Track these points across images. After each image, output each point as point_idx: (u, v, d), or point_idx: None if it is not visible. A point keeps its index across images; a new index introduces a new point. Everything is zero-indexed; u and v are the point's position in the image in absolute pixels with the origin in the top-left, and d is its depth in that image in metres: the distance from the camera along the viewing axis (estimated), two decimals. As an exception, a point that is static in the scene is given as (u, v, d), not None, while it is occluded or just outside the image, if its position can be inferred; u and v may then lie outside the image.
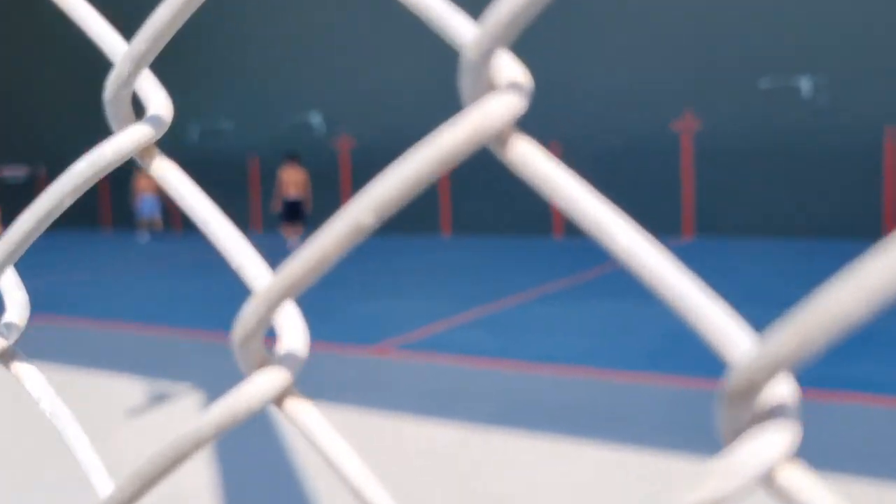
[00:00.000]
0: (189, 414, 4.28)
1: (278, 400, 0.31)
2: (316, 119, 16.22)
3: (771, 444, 0.23)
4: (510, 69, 0.30)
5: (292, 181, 12.72)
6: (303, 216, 12.93)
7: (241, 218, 17.40)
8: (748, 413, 0.24)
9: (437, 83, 14.94)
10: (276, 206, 13.07)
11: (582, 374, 4.89)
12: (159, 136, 0.36)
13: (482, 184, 14.71)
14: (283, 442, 3.77)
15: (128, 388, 4.82)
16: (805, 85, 11.98)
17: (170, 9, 0.35)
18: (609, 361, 5.17)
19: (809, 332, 0.23)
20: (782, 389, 0.24)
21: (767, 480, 0.24)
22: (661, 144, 13.24)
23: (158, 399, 4.56)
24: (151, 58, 0.37)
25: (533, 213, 14.35)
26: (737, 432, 0.24)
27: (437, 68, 14.78)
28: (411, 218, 15.30)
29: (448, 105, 12.98)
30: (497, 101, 0.29)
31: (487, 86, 0.30)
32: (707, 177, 12.96)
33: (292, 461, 3.51)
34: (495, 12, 0.29)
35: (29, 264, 11.81)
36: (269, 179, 16.47)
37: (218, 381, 4.91)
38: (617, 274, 9.28)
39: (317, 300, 7.83)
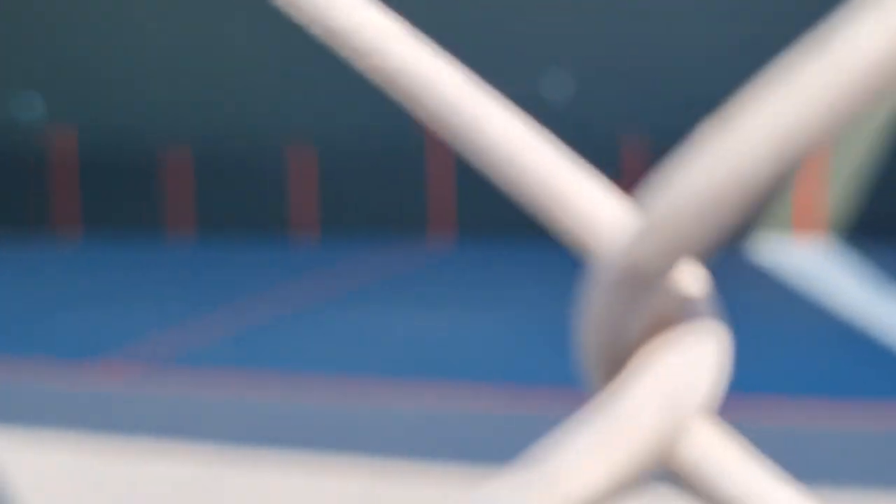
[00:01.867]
0: None
1: None
2: (31, 105, 14.59)
3: (679, 382, 0.12)
4: None
5: None
6: None
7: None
8: (631, 330, 0.13)
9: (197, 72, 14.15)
10: None
11: (334, 386, 4.80)
12: None
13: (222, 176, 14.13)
14: None
15: None
16: (546, 84, 12.85)
17: None
18: (361, 370, 5.12)
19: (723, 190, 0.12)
20: (687, 282, 0.13)
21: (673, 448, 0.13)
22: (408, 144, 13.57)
23: None
24: None
25: (272, 211, 14.04)
26: (613, 370, 0.12)
27: (195, 49, 14.00)
28: (128, 213, 14.28)
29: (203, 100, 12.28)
30: None
31: None
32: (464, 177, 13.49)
33: None
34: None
35: None
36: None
37: None
38: (379, 282, 9.31)
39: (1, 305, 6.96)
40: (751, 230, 11.96)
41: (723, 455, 0.13)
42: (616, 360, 0.13)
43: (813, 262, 10.18)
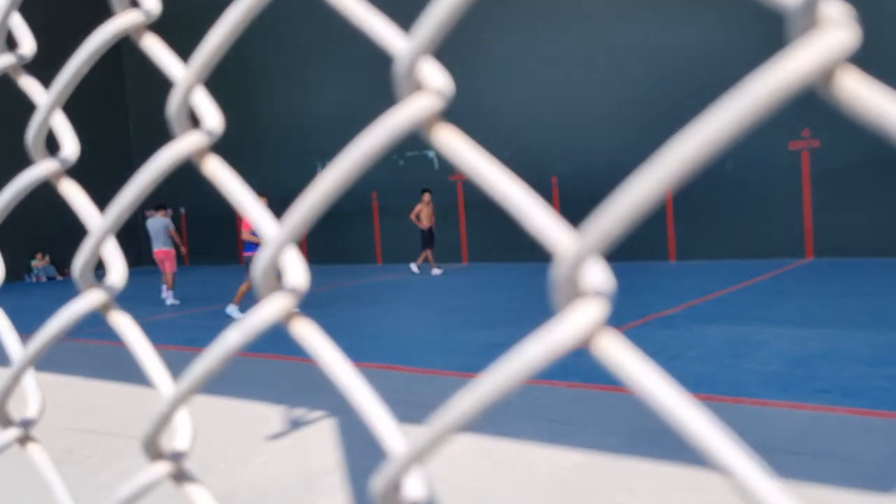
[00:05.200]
0: (323, 438, 4.51)
1: (286, 318, 0.44)
2: (433, 153, 16.72)
3: (584, 314, 0.33)
4: (433, 76, 0.41)
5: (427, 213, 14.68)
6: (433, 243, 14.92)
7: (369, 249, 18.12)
8: (572, 292, 0.34)
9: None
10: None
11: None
12: (212, 143, 0.50)
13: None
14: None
15: (267, 413, 5.14)
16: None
17: (218, 34, 0.49)
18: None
19: (605, 228, 0.33)
20: (595, 273, 0.34)
21: (588, 344, 0.34)
22: (779, 165, 13.08)
23: (294, 424, 4.84)
24: (204, 78, 0.50)
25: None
26: (564, 307, 0.34)
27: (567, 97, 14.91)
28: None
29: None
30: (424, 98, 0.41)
31: (415, 87, 0.41)
32: (825, 196, 12.73)
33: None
34: (420, 30, 0.40)
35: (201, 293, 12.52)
36: (389, 214, 17.45)
37: (350, 408, 5.13)
38: (733, 295, 8.97)
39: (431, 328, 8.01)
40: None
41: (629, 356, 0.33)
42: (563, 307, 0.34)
43: None
